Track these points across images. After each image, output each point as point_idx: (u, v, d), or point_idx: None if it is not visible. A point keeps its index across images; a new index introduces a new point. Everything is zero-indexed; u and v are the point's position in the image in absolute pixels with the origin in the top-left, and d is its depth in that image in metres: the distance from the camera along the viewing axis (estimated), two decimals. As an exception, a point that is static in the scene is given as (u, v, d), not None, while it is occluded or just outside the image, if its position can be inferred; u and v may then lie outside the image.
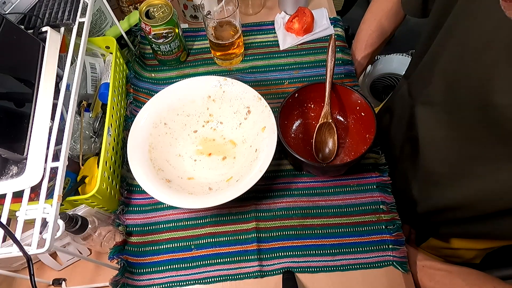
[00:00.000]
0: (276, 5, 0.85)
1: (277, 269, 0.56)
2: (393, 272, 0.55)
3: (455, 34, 0.48)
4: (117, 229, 0.58)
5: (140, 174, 0.55)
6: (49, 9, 0.55)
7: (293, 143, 0.65)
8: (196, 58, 0.78)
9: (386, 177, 0.62)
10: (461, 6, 0.46)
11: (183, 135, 0.65)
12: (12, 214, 0.44)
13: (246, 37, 0.79)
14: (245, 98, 0.63)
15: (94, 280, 0.58)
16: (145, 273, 0.57)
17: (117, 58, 0.67)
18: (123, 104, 0.68)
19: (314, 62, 0.76)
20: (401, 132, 0.67)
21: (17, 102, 0.46)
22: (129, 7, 0.82)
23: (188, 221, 0.60)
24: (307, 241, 0.58)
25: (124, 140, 0.65)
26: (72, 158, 0.60)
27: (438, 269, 0.55)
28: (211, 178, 0.61)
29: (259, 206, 0.61)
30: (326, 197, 0.61)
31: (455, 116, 0.51)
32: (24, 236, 0.49)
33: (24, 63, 0.49)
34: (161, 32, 0.67)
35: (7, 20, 0.48)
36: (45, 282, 0.54)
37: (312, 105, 0.66)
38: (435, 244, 0.71)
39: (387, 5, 0.72)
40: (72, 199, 0.52)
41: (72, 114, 0.49)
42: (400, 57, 1.30)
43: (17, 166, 0.46)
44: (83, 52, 0.54)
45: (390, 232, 0.57)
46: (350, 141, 0.65)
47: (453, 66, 0.49)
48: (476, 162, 0.49)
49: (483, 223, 0.56)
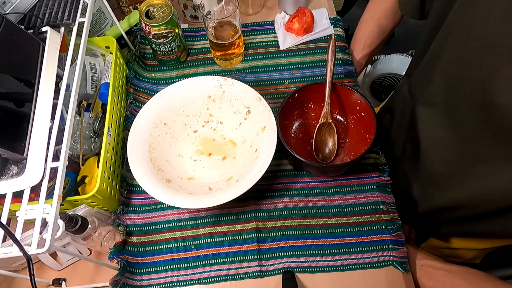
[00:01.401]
0: (276, 5, 0.85)
1: (277, 269, 0.56)
2: (393, 272, 0.55)
3: (455, 34, 0.48)
4: (117, 229, 0.58)
5: (140, 174, 0.55)
6: (49, 9, 0.55)
7: (293, 143, 0.65)
8: (196, 58, 0.78)
9: (386, 177, 0.62)
10: (460, 7, 0.46)
11: (183, 135, 0.65)
12: (12, 214, 0.44)
13: (246, 37, 0.79)
14: (245, 98, 0.63)
15: (94, 280, 0.58)
16: (145, 273, 0.57)
17: (117, 58, 0.67)
18: (123, 104, 0.68)
19: (314, 62, 0.76)
20: (402, 132, 0.67)
21: (17, 102, 0.47)
22: (129, 7, 0.82)
23: (188, 221, 0.60)
24: (307, 241, 0.58)
25: (124, 140, 0.65)
26: (72, 158, 0.60)
27: (438, 268, 0.55)
28: (211, 178, 0.61)
29: (259, 206, 0.61)
30: (326, 197, 0.61)
31: (456, 116, 0.51)
32: (24, 236, 0.49)
33: (24, 63, 0.49)
34: (161, 32, 0.67)
35: (7, 20, 0.48)
36: (45, 282, 0.54)
37: (312, 105, 0.66)
38: (435, 244, 0.71)
39: (385, 4, 0.71)
40: (72, 199, 0.52)
41: (72, 114, 0.49)
42: (400, 57, 1.30)
43: (17, 166, 0.46)
44: (83, 52, 0.54)
45: (390, 232, 0.57)
46: (350, 141, 0.65)
47: (454, 66, 0.49)
48: (477, 162, 0.49)
49: (484, 222, 0.56)
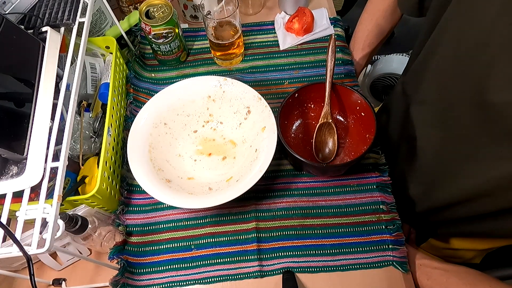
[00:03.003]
0: (276, 5, 0.85)
1: (277, 269, 0.56)
2: (393, 272, 0.55)
3: (450, 32, 0.48)
4: (117, 229, 0.58)
5: (140, 174, 0.55)
6: (49, 9, 0.55)
7: (293, 143, 0.65)
8: (196, 58, 0.78)
9: (386, 177, 0.62)
10: (456, 4, 0.46)
11: (183, 135, 0.65)
12: (12, 214, 0.44)
13: (246, 37, 0.79)
14: (245, 98, 0.63)
15: (94, 280, 0.58)
16: (145, 273, 0.57)
17: (117, 58, 0.67)
18: (123, 104, 0.68)
19: (314, 62, 0.76)
20: (397, 131, 0.67)
21: (17, 102, 0.46)
22: (129, 7, 0.82)
23: (188, 221, 0.60)
24: (307, 241, 0.58)
25: (124, 140, 0.65)
26: (72, 158, 0.60)
27: (435, 268, 0.55)
28: (211, 178, 0.61)
29: (259, 206, 0.61)
30: (326, 197, 0.61)
31: (448, 115, 0.51)
32: (24, 236, 0.49)
33: (24, 63, 0.49)
34: (161, 32, 0.67)
35: (7, 20, 0.48)
36: (45, 282, 0.54)
37: (312, 105, 0.66)
38: (435, 244, 0.71)
39: (384, 4, 0.71)
40: (72, 199, 0.52)
41: (72, 114, 0.49)
42: (400, 57, 1.30)
43: (17, 166, 0.46)
44: (83, 52, 0.54)
45: (390, 232, 0.57)
46: (350, 141, 0.65)
47: (447, 64, 0.48)
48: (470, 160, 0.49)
49: (481, 222, 0.56)
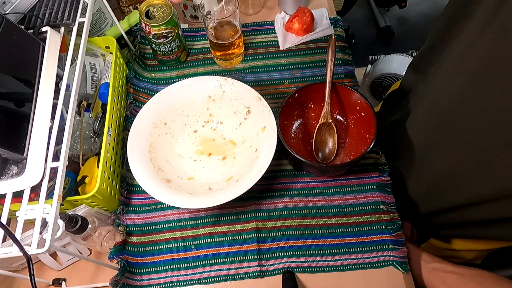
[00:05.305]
0: (276, 5, 0.85)
1: (277, 269, 0.56)
2: (393, 272, 0.55)
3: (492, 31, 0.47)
4: (117, 229, 0.58)
5: (140, 174, 0.55)
6: (49, 9, 0.55)
7: (293, 143, 0.65)
8: (196, 58, 0.78)
9: (386, 177, 0.62)
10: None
11: (183, 135, 0.65)
12: (12, 214, 0.44)
13: (246, 37, 0.79)
14: (245, 98, 0.63)
15: (94, 280, 0.58)
16: (145, 273, 0.57)
17: (117, 58, 0.67)
18: (123, 104, 0.68)
19: (314, 62, 0.76)
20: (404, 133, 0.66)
21: (17, 102, 0.47)
22: (129, 7, 0.82)
23: (188, 221, 0.60)
24: (307, 241, 0.58)
25: (124, 140, 0.65)
26: (72, 158, 0.60)
27: (450, 272, 0.54)
28: (211, 178, 0.61)
29: (259, 206, 0.61)
30: (326, 197, 0.61)
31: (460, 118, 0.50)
32: (24, 236, 0.49)
33: (24, 63, 0.49)
34: (161, 32, 0.67)
35: (7, 20, 0.48)
36: (45, 282, 0.54)
37: (312, 105, 0.66)
38: (436, 245, 0.71)
39: None
40: (72, 199, 0.52)
41: (72, 114, 0.49)
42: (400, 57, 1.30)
43: (17, 166, 0.46)
44: (83, 52, 0.54)
45: (390, 232, 0.57)
46: (350, 141, 0.65)
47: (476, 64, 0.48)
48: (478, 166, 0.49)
49: (486, 224, 0.56)
